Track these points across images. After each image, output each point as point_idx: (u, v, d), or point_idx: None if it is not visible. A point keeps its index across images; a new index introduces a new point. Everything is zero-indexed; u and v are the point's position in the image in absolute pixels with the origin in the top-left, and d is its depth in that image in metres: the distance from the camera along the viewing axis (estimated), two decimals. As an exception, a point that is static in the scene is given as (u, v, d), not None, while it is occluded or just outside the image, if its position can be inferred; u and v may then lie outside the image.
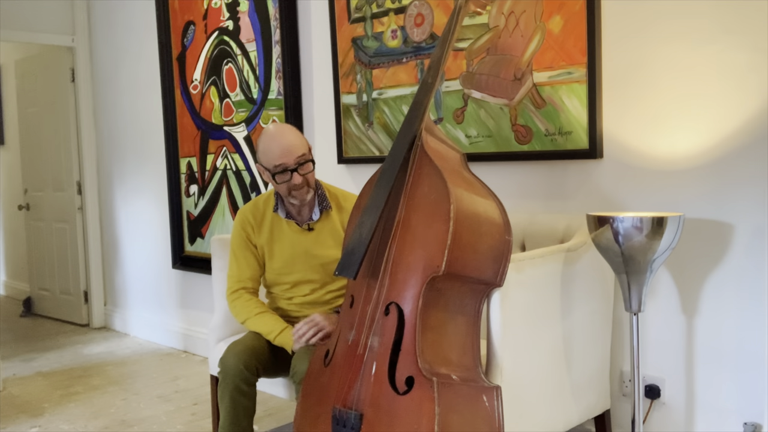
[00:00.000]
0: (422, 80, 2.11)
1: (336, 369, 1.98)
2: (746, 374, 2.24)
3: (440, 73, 2.10)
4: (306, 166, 2.32)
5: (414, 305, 1.83)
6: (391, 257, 1.91)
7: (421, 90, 2.08)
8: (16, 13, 4.86)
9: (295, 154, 2.29)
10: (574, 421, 2.28)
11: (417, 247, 1.86)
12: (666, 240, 1.99)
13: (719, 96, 2.22)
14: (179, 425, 3.15)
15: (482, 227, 1.85)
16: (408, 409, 1.77)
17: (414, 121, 2.02)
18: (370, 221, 1.94)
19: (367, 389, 1.86)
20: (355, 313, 1.98)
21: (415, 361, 1.79)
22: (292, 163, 2.29)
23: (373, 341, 1.89)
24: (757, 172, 2.16)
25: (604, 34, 2.45)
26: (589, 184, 2.54)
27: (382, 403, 1.82)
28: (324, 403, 1.97)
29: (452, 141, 2.32)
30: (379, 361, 1.86)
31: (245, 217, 2.47)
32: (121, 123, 4.90)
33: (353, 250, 1.94)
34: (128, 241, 4.96)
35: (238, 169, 3.93)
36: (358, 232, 1.95)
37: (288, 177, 2.30)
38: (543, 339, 2.14)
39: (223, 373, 2.25)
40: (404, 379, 1.80)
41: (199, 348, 4.30)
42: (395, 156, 1.99)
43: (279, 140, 2.31)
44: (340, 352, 1.99)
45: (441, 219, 1.82)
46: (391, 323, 1.86)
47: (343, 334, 2.01)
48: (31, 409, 3.44)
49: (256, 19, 3.71)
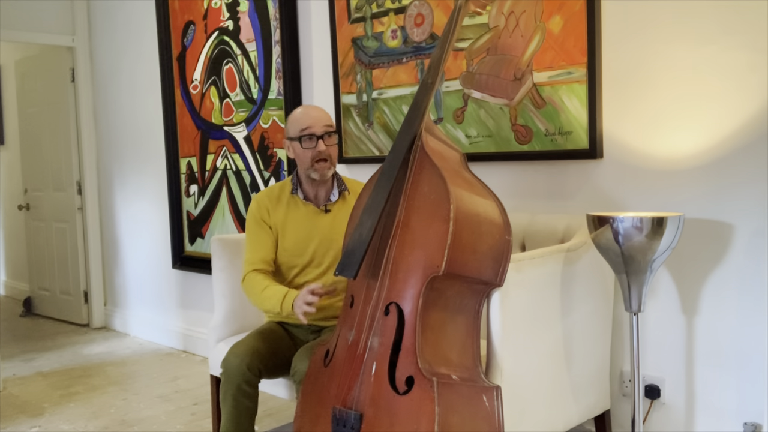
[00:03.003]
0: (422, 80, 2.11)
1: (336, 369, 1.98)
2: (746, 374, 2.24)
3: (440, 73, 2.10)
4: (332, 137, 2.40)
5: (414, 305, 1.83)
6: (391, 257, 1.91)
7: (421, 90, 2.08)
8: (16, 13, 4.86)
9: (324, 122, 2.39)
10: (574, 421, 2.28)
11: (417, 247, 1.86)
12: (666, 240, 2.00)
13: (719, 96, 2.22)
14: (179, 425, 3.15)
15: (482, 227, 1.85)
16: (408, 409, 1.77)
17: (414, 122, 2.02)
18: (371, 221, 1.94)
19: (367, 389, 1.86)
20: (355, 313, 1.98)
21: (415, 361, 1.79)
22: (319, 130, 2.37)
23: (373, 341, 1.89)
24: (757, 172, 2.16)
25: (604, 34, 2.45)
26: (589, 184, 2.54)
27: (381, 403, 1.82)
28: (324, 403, 1.97)
29: (452, 141, 2.33)
30: (379, 361, 1.86)
31: (261, 199, 2.50)
32: (121, 123, 4.90)
33: (353, 250, 1.93)
34: (128, 241, 4.96)
35: (238, 169, 3.93)
36: (359, 232, 1.95)
37: (314, 143, 2.36)
38: (543, 339, 2.14)
39: (225, 375, 2.25)
40: (404, 379, 1.80)
41: (199, 348, 4.30)
42: (395, 156, 1.99)
43: (308, 110, 2.43)
44: (340, 352, 1.99)
45: (441, 219, 1.82)
46: (391, 323, 1.86)
47: (343, 334, 2.01)
48: (31, 409, 3.44)
49: (256, 19, 3.71)
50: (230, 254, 2.76)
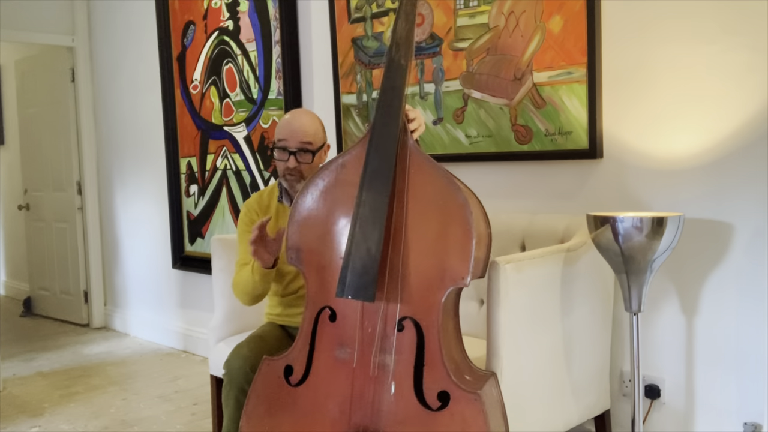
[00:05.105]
0: (392, 60, 1.86)
1: (324, 389, 1.85)
2: (746, 374, 2.24)
3: (413, 51, 1.90)
4: (305, 155, 2.28)
5: (435, 318, 1.74)
6: (397, 268, 1.77)
7: (394, 72, 1.86)
8: (16, 13, 4.86)
9: (300, 138, 2.27)
10: (574, 420, 2.28)
11: (430, 256, 1.75)
12: (666, 240, 2.00)
13: (719, 96, 2.22)
14: (179, 425, 3.15)
15: (482, 226, 1.82)
16: (448, 424, 1.71)
17: (395, 112, 1.83)
18: (377, 233, 1.75)
19: (389, 409, 1.75)
20: (345, 329, 1.84)
21: (445, 375, 1.72)
22: (293, 145, 2.27)
23: (384, 359, 1.78)
24: (757, 172, 2.16)
25: (604, 34, 2.45)
26: (589, 184, 2.54)
27: (411, 422, 1.74)
28: (308, 428, 1.85)
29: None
30: (398, 379, 1.76)
31: (251, 205, 2.48)
32: (121, 123, 4.90)
33: (364, 268, 1.74)
34: (128, 241, 4.96)
35: (238, 169, 3.93)
36: (364, 246, 1.76)
37: (285, 157, 2.28)
38: (543, 339, 2.14)
39: (228, 376, 2.24)
40: (436, 395, 1.72)
41: (199, 348, 4.30)
42: (385, 154, 1.80)
43: (292, 119, 2.31)
44: (327, 372, 1.85)
45: (457, 224, 1.72)
46: (410, 339, 1.76)
47: (326, 350, 1.86)
48: (31, 409, 3.44)
49: (256, 19, 3.71)
50: (230, 254, 2.76)
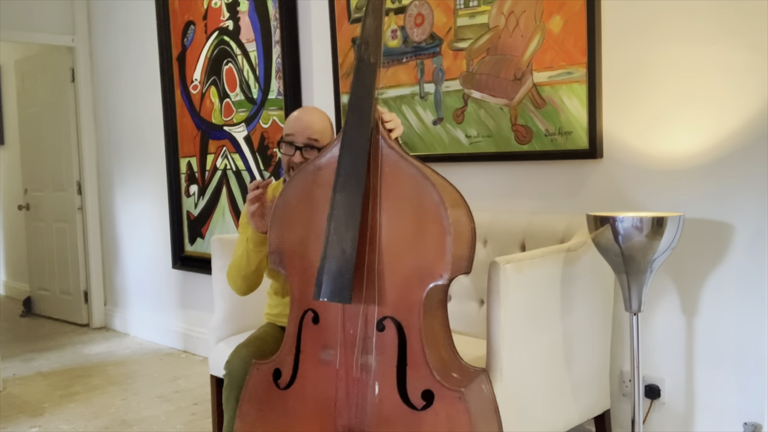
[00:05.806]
0: (361, 59, 1.86)
1: (311, 391, 1.85)
2: (746, 374, 2.24)
3: (381, 48, 1.90)
4: (311, 151, 2.26)
5: (415, 317, 1.74)
6: (374, 268, 1.77)
7: (364, 72, 1.85)
8: (16, 13, 4.86)
9: (307, 134, 2.25)
10: (574, 420, 2.28)
11: (407, 255, 1.75)
12: (666, 240, 2.00)
13: (719, 96, 2.22)
14: (179, 425, 3.15)
15: (462, 223, 1.78)
16: (433, 423, 1.71)
17: (366, 111, 1.82)
18: (351, 233, 1.75)
19: (372, 410, 1.77)
20: (327, 330, 1.85)
21: (428, 373, 1.72)
22: (299, 140, 2.25)
23: (366, 359, 1.79)
24: (757, 172, 2.16)
25: (604, 34, 2.45)
26: (589, 184, 2.54)
27: (396, 421, 1.74)
28: (300, 429, 1.86)
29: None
30: (381, 379, 1.77)
31: None
32: (121, 123, 4.90)
33: (339, 270, 1.75)
34: (128, 241, 4.96)
35: (238, 169, 3.93)
36: (338, 247, 1.76)
37: (291, 151, 2.26)
38: (543, 339, 2.14)
39: (229, 376, 2.24)
40: (419, 394, 1.73)
41: (199, 348, 4.30)
42: (357, 154, 1.80)
43: (301, 115, 2.29)
44: (313, 374, 1.86)
45: (434, 222, 1.72)
46: (391, 339, 1.76)
47: (311, 353, 1.87)
48: (31, 409, 3.44)
49: (256, 19, 3.71)
50: (230, 254, 2.75)
